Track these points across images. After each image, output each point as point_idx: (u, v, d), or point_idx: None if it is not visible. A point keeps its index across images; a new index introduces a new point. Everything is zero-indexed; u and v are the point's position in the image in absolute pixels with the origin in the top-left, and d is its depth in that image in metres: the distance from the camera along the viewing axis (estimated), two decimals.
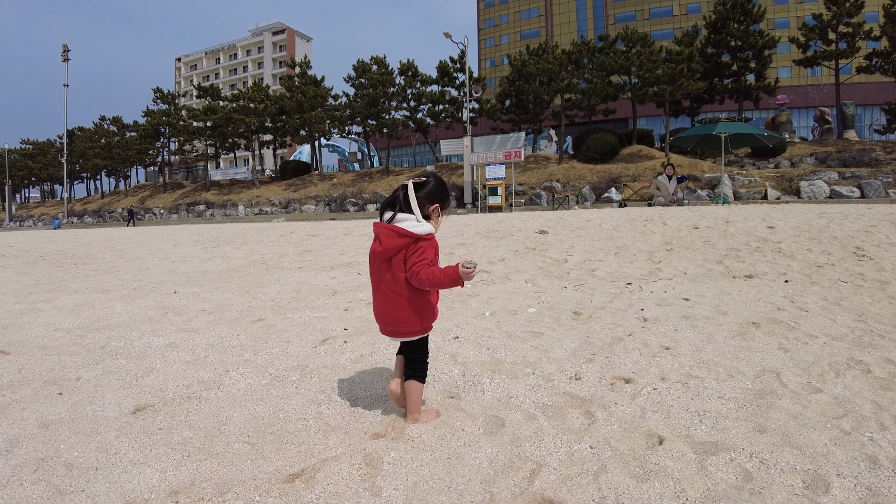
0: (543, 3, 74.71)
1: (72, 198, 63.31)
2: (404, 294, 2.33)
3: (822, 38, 28.99)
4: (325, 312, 4.78)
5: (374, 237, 2.36)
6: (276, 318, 4.57)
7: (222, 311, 4.93)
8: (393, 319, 2.38)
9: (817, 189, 20.53)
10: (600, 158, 30.80)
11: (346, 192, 38.51)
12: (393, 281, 2.33)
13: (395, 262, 2.31)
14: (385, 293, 2.37)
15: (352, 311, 4.80)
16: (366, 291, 5.67)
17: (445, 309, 4.71)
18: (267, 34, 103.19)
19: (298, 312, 4.80)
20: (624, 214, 9.74)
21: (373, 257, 2.39)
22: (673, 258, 6.39)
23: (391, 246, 2.28)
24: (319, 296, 5.64)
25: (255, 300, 5.44)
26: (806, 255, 6.25)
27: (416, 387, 2.45)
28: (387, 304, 2.38)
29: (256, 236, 12.67)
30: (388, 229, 2.29)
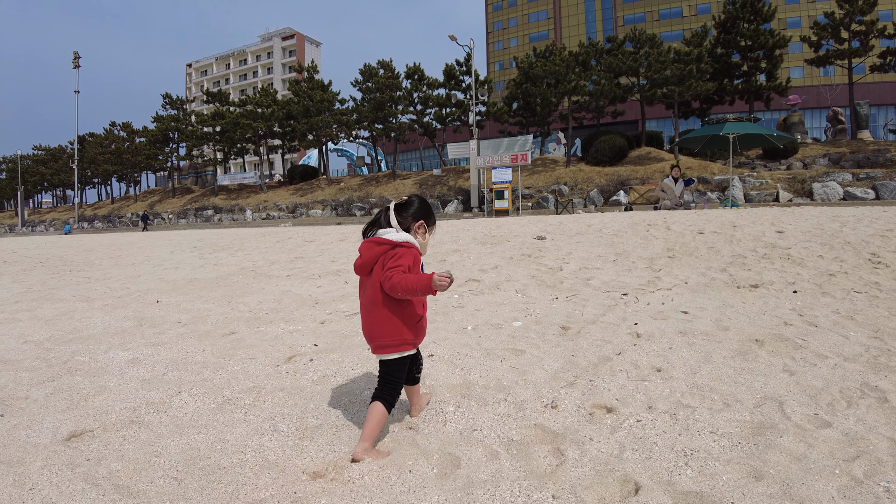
0: (552, 6, 74.39)
1: (83, 203, 63.86)
2: (380, 304, 2.25)
3: (834, 37, 28.34)
4: (300, 325, 4.53)
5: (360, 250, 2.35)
6: (248, 332, 4.34)
7: (197, 322, 4.75)
8: (372, 333, 2.31)
9: (830, 191, 19.98)
10: (609, 161, 30.35)
11: (352, 196, 38.37)
12: (373, 292, 2.27)
13: (374, 272, 2.27)
14: (366, 307, 2.33)
15: (328, 325, 4.53)
16: (347, 302, 5.48)
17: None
18: (276, 39, 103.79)
19: (273, 325, 4.56)
20: (627, 219, 9.38)
21: (357, 272, 2.37)
22: (674, 266, 6.04)
23: (370, 256, 2.26)
24: (300, 307, 5.38)
25: (234, 311, 5.23)
26: (817, 263, 5.87)
27: (379, 410, 2.27)
28: (367, 318, 2.32)
29: (254, 242, 12.48)
30: (368, 242, 2.31)
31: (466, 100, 36.25)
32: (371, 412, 2.26)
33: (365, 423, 2.26)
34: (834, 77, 52.43)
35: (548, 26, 74.05)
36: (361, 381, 3.12)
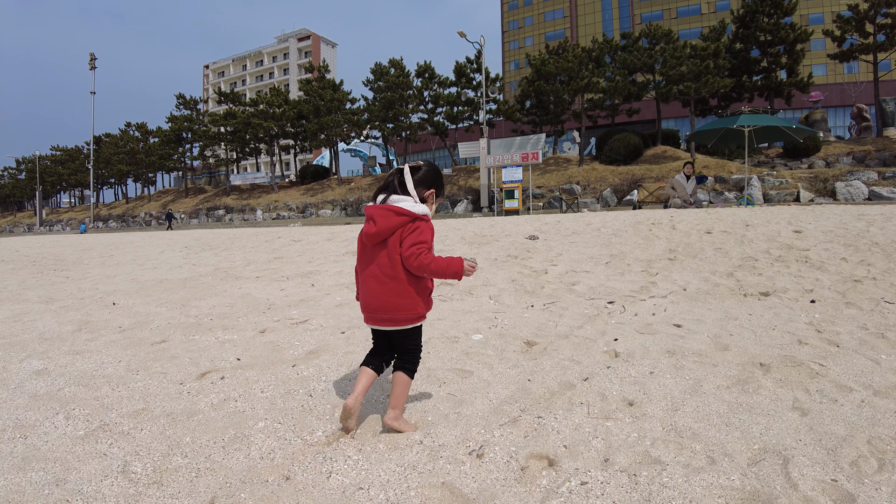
0: (568, 4, 73.35)
1: (99, 203, 64.41)
2: (401, 277, 2.18)
3: (858, 31, 27.02)
4: (236, 335, 4.01)
5: (367, 219, 2.21)
6: (179, 340, 3.92)
7: (137, 328, 4.37)
8: (386, 305, 2.20)
9: (855, 190, 18.92)
10: (623, 160, 29.43)
11: (362, 196, 37.94)
12: (389, 264, 2.18)
13: (390, 244, 2.17)
14: (378, 277, 2.20)
15: (267, 335, 3.99)
16: (302, 307, 4.94)
17: (367, 335, 3.78)
18: (292, 41, 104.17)
19: (209, 334, 4.08)
20: (631, 217, 8.64)
21: (365, 240, 2.25)
22: (674, 269, 5.32)
23: (387, 226, 2.15)
24: (249, 312, 4.87)
25: (181, 316, 4.82)
26: (840, 267, 5.11)
27: (403, 379, 2.27)
28: (379, 290, 2.20)
29: (243, 242, 12.06)
30: (383, 209, 2.17)
31: (477, 98, 35.60)
32: (396, 383, 2.26)
33: (392, 393, 2.26)
34: (858, 74, 50.68)
35: (564, 25, 73.02)
36: (263, 408, 2.58)
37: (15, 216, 71.51)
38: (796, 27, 28.77)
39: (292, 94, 62.19)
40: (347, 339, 3.74)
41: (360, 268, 2.31)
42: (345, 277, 6.46)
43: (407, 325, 2.24)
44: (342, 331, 3.95)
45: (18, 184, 69.55)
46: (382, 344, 2.38)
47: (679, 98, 29.62)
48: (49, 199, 72.66)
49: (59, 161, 64.23)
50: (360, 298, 2.34)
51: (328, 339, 3.72)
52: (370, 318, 2.27)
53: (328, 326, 4.11)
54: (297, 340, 3.72)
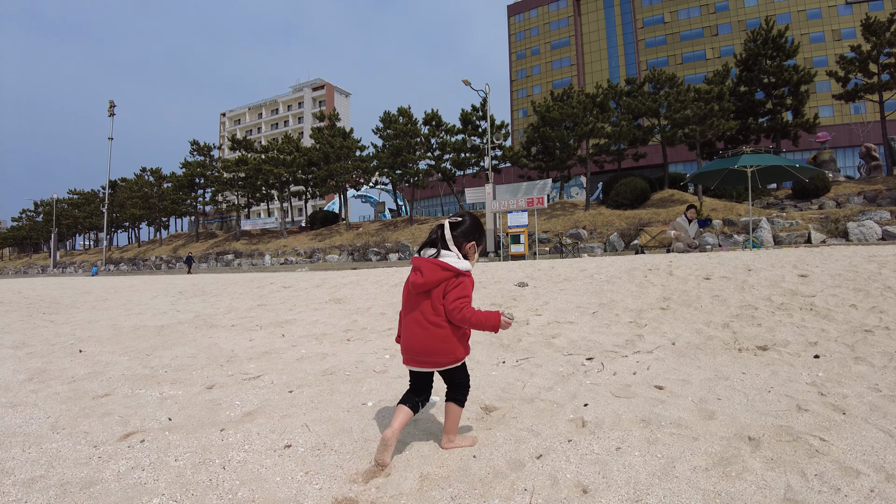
0: (574, 53, 74.89)
1: (112, 246, 65.23)
2: (443, 324, 2.37)
3: (862, 71, 26.94)
4: (183, 390, 3.77)
5: (414, 269, 2.43)
6: (123, 394, 3.70)
7: (89, 379, 4.17)
8: (430, 350, 2.39)
9: (867, 230, 18.30)
10: (629, 204, 29.16)
11: (369, 241, 37.88)
12: (432, 311, 2.38)
13: (434, 294, 2.38)
14: (421, 323, 2.39)
15: (213, 391, 3.71)
16: (263, 360, 4.63)
17: (315, 395, 3.41)
18: (307, 90, 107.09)
19: (157, 387, 3.87)
20: (627, 263, 8.23)
21: (412, 289, 2.44)
22: (665, 320, 4.87)
23: (434, 278, 2.36)
24: (208, 364, 4.61)
25: (140, 366, 4.64)
26: (848, 314, 4.64)
27: (454, 409, 2.50)
28: (422, 334, 2.39)
29: (236, 287, 11.83)
30: (431, 262, 2.38)
31: (483, 144, 35.91)
32: (448, 412, 2.50)
33: (445, 421, 2.51)
34: (865, 114, 50.62)
35: (571, 73, 74.37)
36: (167, 480, 2.27)
37: (31, 257, 72.64)
38: (800, 69, 28.83)
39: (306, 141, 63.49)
40: (292, 399, 3.40)
41: (405, 313, 2.51)
42: (318, 327, 6.10)
43: (447, 367, 2.45)
44: (290, 390, 3.62)
45: (35, 226, 70.95)
46: (421, 384, 2.54)
47: (685, 141, 29.55)
48: (65, 241, 73.86)
49: (75, 204, 65.63)
50: (401, 340, 2.53)
51: (272, 399, 3.41)
52: (411, 359, 2.46)
53: (279, 384, 3.80)
54: (240, 399, 3.43)
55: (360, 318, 6.29)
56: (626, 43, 71.90)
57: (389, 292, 7.93)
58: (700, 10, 64.36)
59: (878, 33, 25.99)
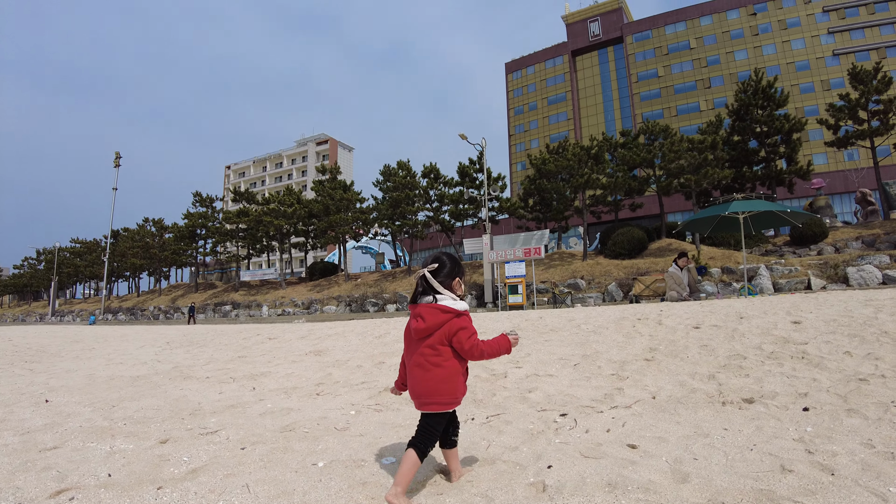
0: (571, 108, 76.67)
1: (111, 295, 65.09)
2: (444, 365, 2.44)
3: (852, 118, 27.37)
4: (135, 444, 3.64)
5: (414, 316, 2.49)
6: (73, 447, 3.58)
7: (43, 431, 4.09)
8: (430, 391, 2.44)
9: (868, 275, 18.07)
10: (627, 254, 29.07)
11: (367, 292, 37.64)
12: (433, 353, 2.44)
13: (435, 337, 2.43)
14: (423, 365, 2.45)
15: (167, 445, 3.57)
16: (226, 415, 4.45)
17: (267, 452, 3.16)
18: (311, 144, 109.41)
19: (110, 440, 3.79)
20: (617, 313, 8.01)
21: (413, 335, 2.49)
22: (649, 371, 4.61)
23: (435, 322, 2.43)
24: (170, 417, 4.48)
25: (101, 417, 4.57)
26: (842, 363, 4.39)
27: (412, 457, 2.40)
28: (423, 376, 2.45)
29: (223, 338, 11.63)
30: (430, 307, 2.45)
31: (480, 196, 36.34)
32: (405, 459, 2.40)
33: (399, 469, 2.38)
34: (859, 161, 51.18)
35: (568, 127, 75.88)
36: None
37: (30, 305, 72.42)
38: (790, 117, 29.31)
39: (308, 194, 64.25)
40: (243, 456, 3.22)
41: (407, 358, 2.59)
42: (291, 381, 5.85)
43: (444, 410, 2.46)
44: (243, 446, 3.43)
45: (37, 274, 71.09)
46: None
47: (681, 191, 29.74)
48: (65, 290, 73.78)
49: (77, 253, 65.94)
50: (407, 386, 2.61)
51: (222, 456, 3.22)
52: (416, 402, 2.51)
53: (234, 440, 3.62)
54: (189, 455, 3.27)
55: (335, 371, 6.03)
56: (621, 97, 73.69)
57: (371, 344, 7.68)
58: (692, 64, 66.24)
59: (866, 81, 26.55)
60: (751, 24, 62.91)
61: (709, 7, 66.22)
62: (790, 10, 61.04)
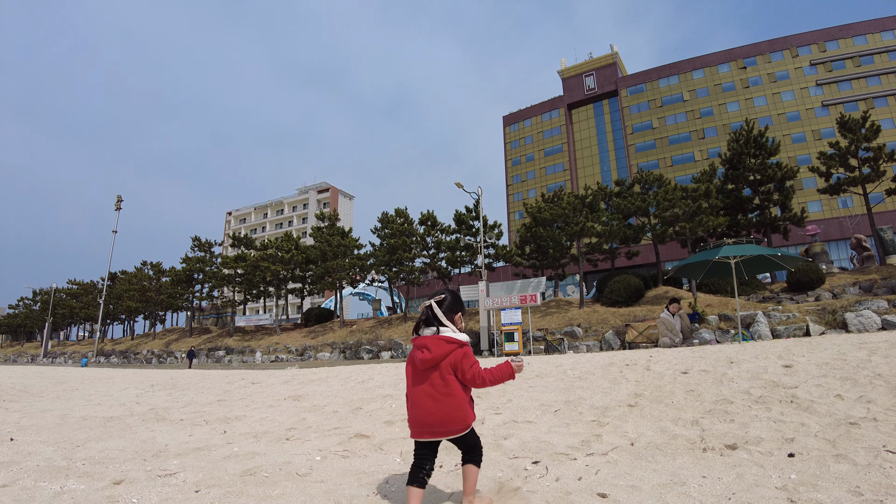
0: (567, 159, 77.98)
1: (105, 338, 64.34)
2: (454, 394, 2.57)
3: (843, 166, 27.67)
4: (88, 484, 3.56)
5: (418, 348, 2.64)
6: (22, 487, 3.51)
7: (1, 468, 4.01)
8: (443, 420, 2.56)
9: (866, 320, 17.77)
10: (624, 301, 28.85)
11: (362, 338, 37.18)
12: (442, 384, 2.57)
13: (442, 367, 2.58)
14: (433, 396, 2.57)
15: (121, 486, 3.49)
16: (189, 457, 4.29)
17: (220, 497, 2.98)
18: (312, 192, 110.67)
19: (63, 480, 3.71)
20: (606, 359, 7.80)
21: (420, 365, 2.61)
22: (631, 417, 4.40)
23: (441, 352, 2.57)
24: (132, 458, 4.37)
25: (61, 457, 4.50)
26: (833, 406, 4.19)
27: (473, 471, 2.65)
28: (435, 407, 2.56)
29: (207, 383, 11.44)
30: (435, 338, 2.61)
31: (476, 243, 36.49)
32: (467, 473, 2.66)
33: (464, 483, 2.65)
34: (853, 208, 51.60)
35: (564, 177, 76.96)
36: None
37: (22, 346, 71.28)
38: (783, 165, 29.69)
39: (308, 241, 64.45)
40: (195, 499, 3.11)
41: (412, 389, 2.66)
42: (263, 425, 5.62)
43: (464, 432, 2.60)
44: (198, 489, 3.32)
45: (31, 314, 70.30)
46: (428, 454, 2.64)
47: (676, 239, 29.80)
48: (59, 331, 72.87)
49: (73, 294, 65.35)
50: (410, 415, 2.66)
51: (173, 499, 3.11)
52: (425, 431, 2.59)
53: (190, 482, 3.49)
54: (140, 497, 3.18)
55: (309, 416, 5.80)
56: (617, 148, 75.08)
57: (352, 390, 7.44)
58: (686, 116, 67.77)
59: (854, 130, 27.00)
60: (741, 77, 64.76)
61: (700, 61, 68.35)
62: (779, 64, 62.98)
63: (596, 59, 78.93)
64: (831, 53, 60.81)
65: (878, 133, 26.81)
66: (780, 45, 63.45)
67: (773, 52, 63.70)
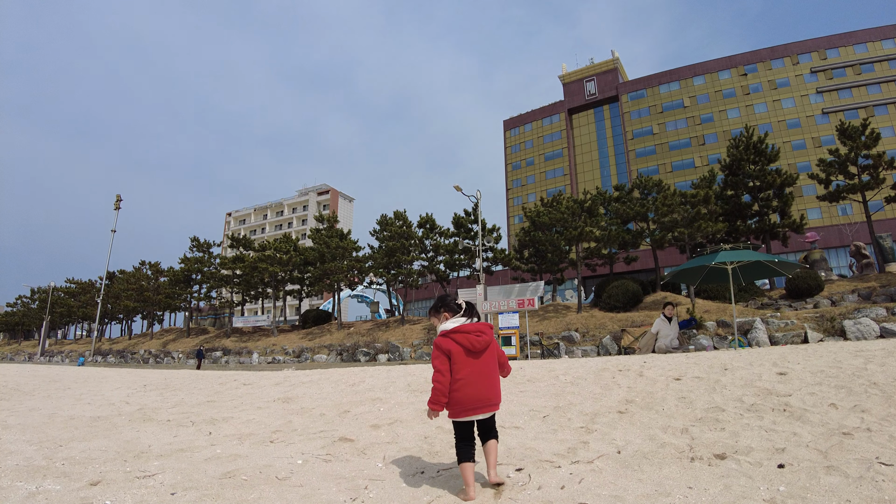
0: (567, 164, 77.93)
1: (102, 337, 64.17)
2: (498, 374, 3.16)
3: (843, 174, 27.63)
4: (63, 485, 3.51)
5: (475, 332, 3.06)
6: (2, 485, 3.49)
7: None
8: (497, 392, 3.09)
9: (865, 328, 17.73)
10: (622, 307, 28.78)
11: (359, 341, 37.08)
12: (493, 362, 3.11)
13: (490, 349, 3.10)
14: (489, 375, 3.05)
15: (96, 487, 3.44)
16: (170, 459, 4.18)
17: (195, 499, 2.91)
18: (312, 194, 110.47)
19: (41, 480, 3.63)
20: (599, 364, 7.71)
21: (479, 346, 3.04)
22: (620, 425, 4.31)
23: (491, 335, 3.15)
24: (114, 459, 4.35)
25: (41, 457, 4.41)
26: (826, 415, 4.11)
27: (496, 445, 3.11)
28: (490, 384, 3.04)
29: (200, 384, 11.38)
30: (485, 325, 3.16)
31: (474, 246, 36.41)
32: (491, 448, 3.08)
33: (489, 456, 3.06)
34: (852, 215, 51.54)
35: (564, 182, 76.89)
36: None
37: (20, 344, 71.14)
38: (782, 172, 29.63)
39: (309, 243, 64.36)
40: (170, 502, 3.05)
41: (467, 372, 2.98)
42: (249, 427, 5.54)
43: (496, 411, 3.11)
44: (174, 492, 3.28)
45: (29, 312, 70.13)
46: (471, 434, 3.07)
47: (675, 244, 29.74)
48: (57, 330, 72.72)
49: (71, 293, 65.20)
50: (468, 395, 2.96)
51: (147, 500, 3.08)
52: (485, 407, 3.00)
53: (167, 484, 3.43)
54: (114, 498, 3.14)
55: (296, 419, 5.71)
56: (617, 153, 75.03)
57: (342, 392, 7.35)
58: (686, 122, 67.76)
59: (854, 137, 26.95)
60: (742, 83, 64.80)
61: (701, 67, 68.38)
62: (779, 71, 63.03)
63: (597, 65, 79.02)
64: (832, 61, 60.88)
65: (877, 140, 26.79)
66: (781, 53, 63.53)
67: (773, 59, 63.77)
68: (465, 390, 2.92)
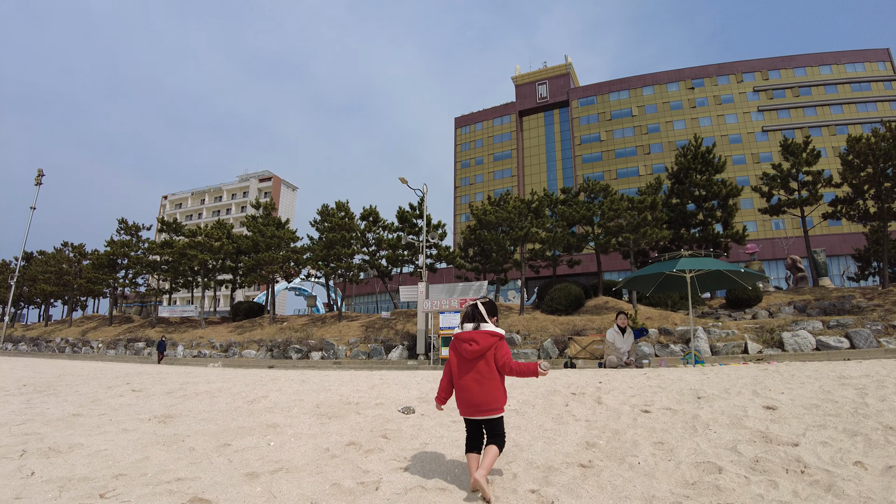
0: (515, 165, 77.88)
1: (16, 323, 58.82)
2: (497, 379, 3.18)
3: (783, 188, 28.26)
4: None
5: (467, 340, 3.21)
6: None
7: None
8: (487, 400, 3.12)
9: (802, 340, 17.91)
10: (564, 310, 28.24)
11: (292, 337, 35.03)
12: (487, 370, 3.15)
13: (487, 356, 3.18)
14: (479, 380, 3.13)
15: None
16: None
17: None
18: (253, 180, 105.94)
19: None
20: (548, 384, 6.55)
21: (467, 356, 3.19)
22: (585, 489, 3.08)
23: (487, 344, 3.17)
24: None
25: None
26: (860, 483, 3.03)
27: (495, 451, 3.10)
28: (480, 389, 3.12)
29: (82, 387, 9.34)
30: (482, 332, 3.21)
31: (419, 242, 35.10)
32: (488, 452, 3.08)
33: (484, 458, 3.05)
34: (786, 231, 53.60)
35: (511, 183, 76.78)
36: None
37: None
38: (728, 182, 29.95)
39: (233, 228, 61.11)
40: None
41: (460, 377, 3.23)
42: (94, 464, 3.98)
43: (499, 415, 3.20)
44: None
45: None
46: (478, 431, 3.22)
47: (619, 249, 29.47)
48: None
49: None
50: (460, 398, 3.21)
51: None
52: (474, 411, 3.17)
53: None
54: None
55: (158, 453, 4.16)
56: (564, 158, 75.51)
57: (236, 411, 5.85)
58: (634, 131, 68.88)
59: (796, 153, 27.49)
60: (689, 96, 66.44)
61: (651, 78, 69.66)
62: (724, 88, 65.03)
63: (550, 69, 79.29)
64: (773, 82, 63.27)
65: (818, 158, 27.46)
66: (727, 70, 65.54)
67: (720, 75, 65.73)
68: (459, 394, 3.18)
